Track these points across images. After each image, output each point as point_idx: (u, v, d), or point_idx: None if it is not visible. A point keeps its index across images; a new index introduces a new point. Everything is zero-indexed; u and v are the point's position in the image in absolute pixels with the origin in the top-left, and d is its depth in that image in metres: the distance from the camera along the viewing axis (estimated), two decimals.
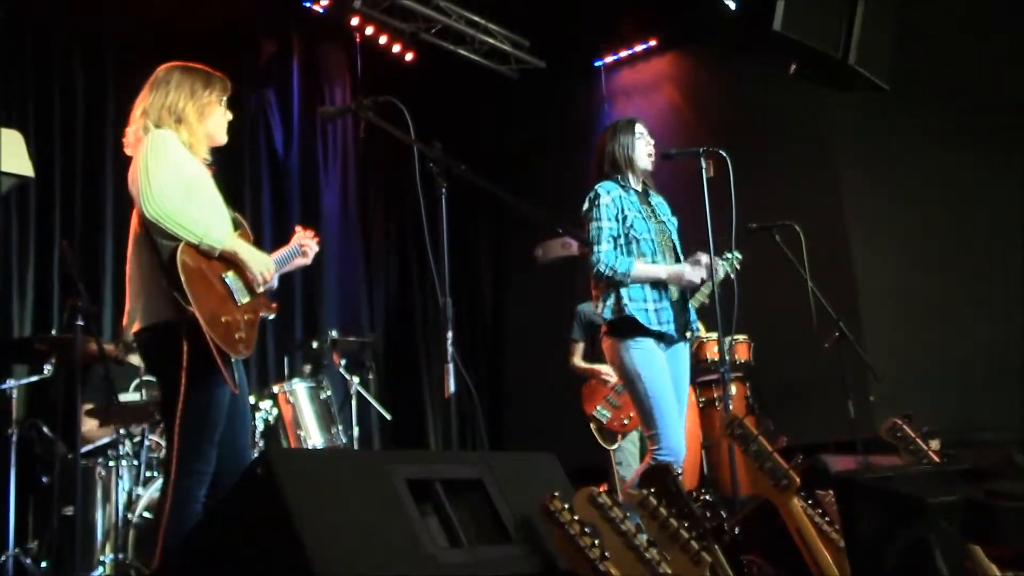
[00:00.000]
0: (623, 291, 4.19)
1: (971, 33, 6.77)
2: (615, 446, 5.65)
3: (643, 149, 4.41)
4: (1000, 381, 6.34)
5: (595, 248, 4.22)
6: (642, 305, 4.18)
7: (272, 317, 3.73)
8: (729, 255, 4.94)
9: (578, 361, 5.93)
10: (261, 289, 3.54)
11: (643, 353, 4.14)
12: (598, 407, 5.68)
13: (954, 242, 6.79)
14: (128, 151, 3.55)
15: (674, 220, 4.47)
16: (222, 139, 3.69)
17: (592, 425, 5.69)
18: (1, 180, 4.52)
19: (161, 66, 3.67)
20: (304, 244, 3.79)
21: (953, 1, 6.80)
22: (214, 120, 3.62)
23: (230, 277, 3.44)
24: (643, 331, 4.15)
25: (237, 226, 3.63)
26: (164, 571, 3.10)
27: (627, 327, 4.17)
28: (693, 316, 4.42)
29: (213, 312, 3.30)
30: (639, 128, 4.43)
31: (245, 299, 3.47)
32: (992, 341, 6.50)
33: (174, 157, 3.43)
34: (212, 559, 2.18)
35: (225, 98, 3.68)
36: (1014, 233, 6.57)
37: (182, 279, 3.23)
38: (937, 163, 6.87)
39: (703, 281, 4.32)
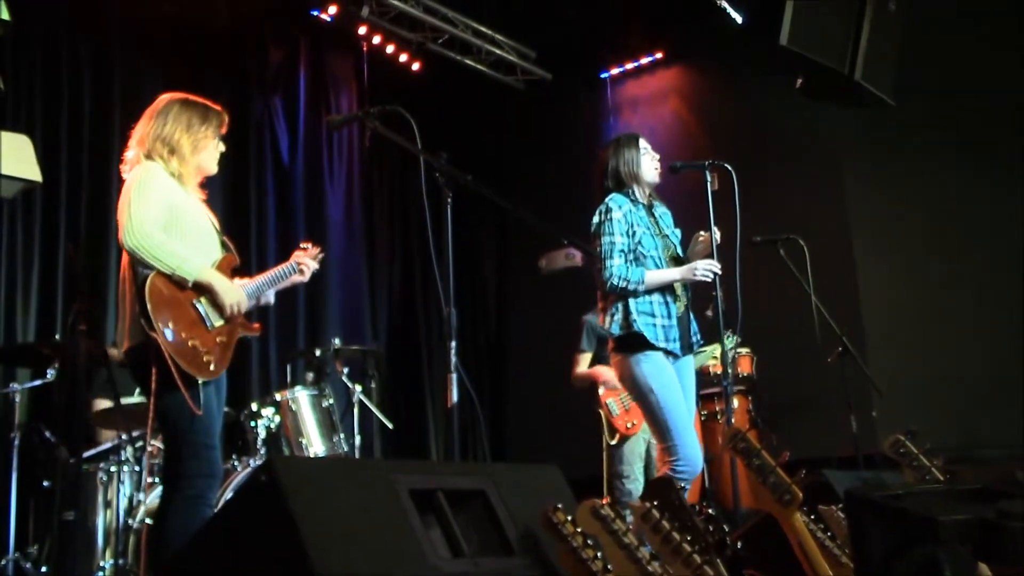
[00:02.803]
0: (632, 305, 4.19)
1: (976, 48, 6.78)
2: (613, 442, 5.61)
3: (649, 164, 4.42)
4: (1002, 398, 6.32)
5: (607, 263, 4.22)
6: (650, 320, 4.18)
7: (256, 336, 3.86)
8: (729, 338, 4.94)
9: (580, 372, 5.88)
10: (237, 313, 3.66)
11: (653, 366, 4.14)
12: (612, 399, 5.64)
13: (957, 258, 6.79)
14: (125, 175, 3.70)
15: (677, 232, 4.48)
16: (212, 171, 3.83)
17: (602, 411, 5.65)
18: (9, 184, 4.54)
19: (162, 96, 3.81)
20: (301, 262, 3.89)
21: (959, 16, 6.81)
22: (207, 154, 3.76)
23: (202, 303, 3.57)
24: (651, 345, 4.15)
25: (226, 249, 3.76)
26: None
27: (636, 342, 4.17)
28: (695, 327, 4.42)
29: (180, 337, 3.44)
30: (643, 143, 4.44)
31: (218, 322, 3.60)
32: (994, 357, 6.50)
33: (159, 190, 3.56)
34: (214, 567, 2.18)
35: (221, 132, 3.80)
36: (1017, 249, 6.57)
37: (148, 305, 3.40)
38: (941, 179, 6.87)
39: (716, 275, 4.24)
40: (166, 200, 3.56)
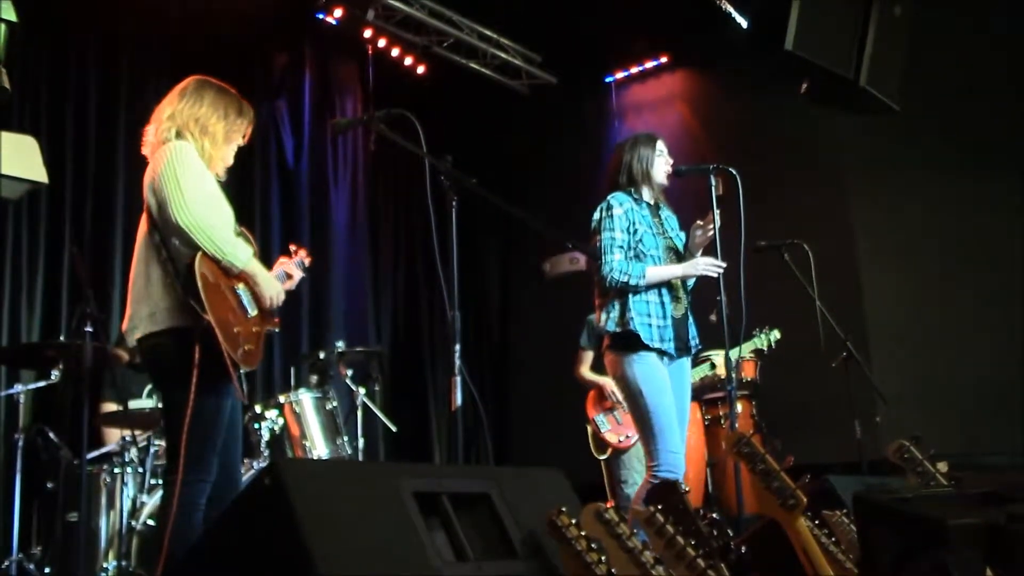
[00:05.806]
0: (629, 303, 4.18)
1: (981, 54, 6.77)
2: (604, 456, 5.66)
3: (661, 166, 4.43)
4: (1006, 404, 6.32)
5: (606, 258, 4.22)
6: (646, 320, 4.18)
7: (276, 331, 3.81)
8: (766, 334, 4.97)
9: (585, 372, 5.89)
10: (276, 306, 3.62)
11: (646, 368, 4.14)
12: (601, 414, 5.67)
13: (961, 264, 6.79)
14: (145, 150, 3.60)
15: (681, 236, 4.48)
16: (229, 163, 3.74)
17: (589, 428, 5.69)
18: (15, 185, 4.55)
19: (193, 76, 3.71)
20: (289, 270, 3.85)
21: (964, 21, 6.80)
22: (233, 146, 3.70)
23: (241, 289, 3.50)
24: (646, 345, 4.15)
25: (245, 240, 3.69)
26: None
27: (630, 341, 4.17)
28: (693, 331, 4.41)
29: (226, 322, 3.35)
30: (660, 145, 4.46)
31: (254, 312, 3.54)
32: (998, 363, 6.49)
33: (198, 169, 3.47)
34: (218, 569, 2.17)
35: (249, 130, 3.74)
36: (1021, 255, 6.56)
37: (200, 288, 3.27)
38: (945, 184, 6.87)
39: (720, 273, 4.25)
40: (204, 181, 3.48)
